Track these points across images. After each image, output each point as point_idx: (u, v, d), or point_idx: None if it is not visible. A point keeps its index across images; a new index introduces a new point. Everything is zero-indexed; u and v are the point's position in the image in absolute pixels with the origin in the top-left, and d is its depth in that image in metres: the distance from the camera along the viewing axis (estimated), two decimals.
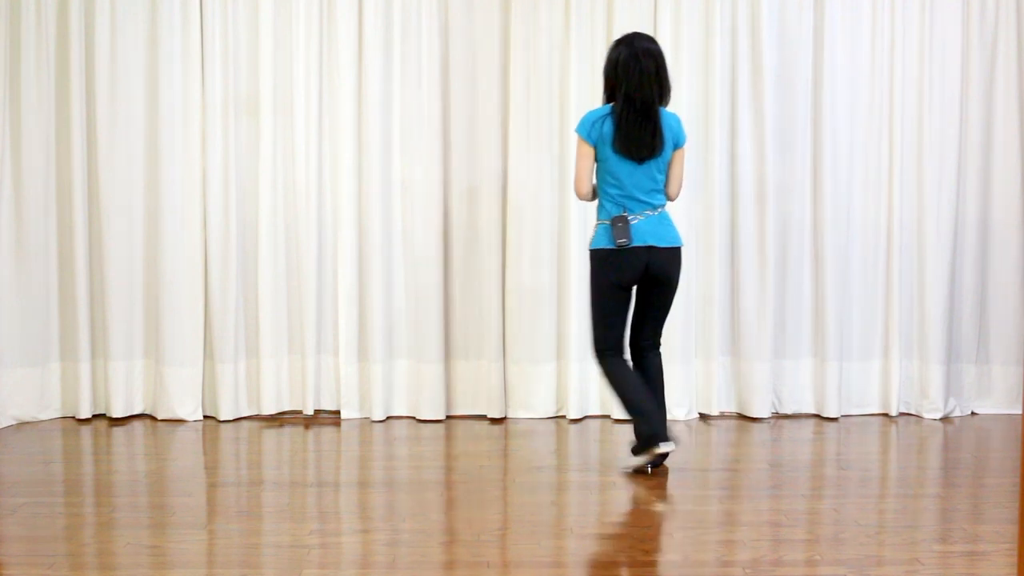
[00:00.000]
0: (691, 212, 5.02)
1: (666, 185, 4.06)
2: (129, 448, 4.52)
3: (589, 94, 5.01)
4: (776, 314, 5.09)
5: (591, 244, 4.04)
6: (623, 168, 3.94)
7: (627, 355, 4.13)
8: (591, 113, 4.00)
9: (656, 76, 3.95)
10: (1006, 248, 5.15)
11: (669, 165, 4.04)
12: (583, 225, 5.02)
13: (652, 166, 3.96)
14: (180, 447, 4.50)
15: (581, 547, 3.22)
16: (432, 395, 4.98)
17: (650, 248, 3.96)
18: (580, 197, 4.05)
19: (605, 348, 4.07)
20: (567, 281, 5.01)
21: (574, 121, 4.96)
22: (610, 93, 4.00)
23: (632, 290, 4.06)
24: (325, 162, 5.02)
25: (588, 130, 3.95)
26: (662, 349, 4.15)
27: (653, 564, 3.06)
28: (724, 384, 5.13)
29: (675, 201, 4.27)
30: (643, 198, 3.97)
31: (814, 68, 5.05)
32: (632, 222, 3.94)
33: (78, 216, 4.89)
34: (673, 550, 3.17)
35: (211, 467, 4.24)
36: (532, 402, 5.06)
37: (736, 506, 3.64)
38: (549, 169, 5.03)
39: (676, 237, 4.04)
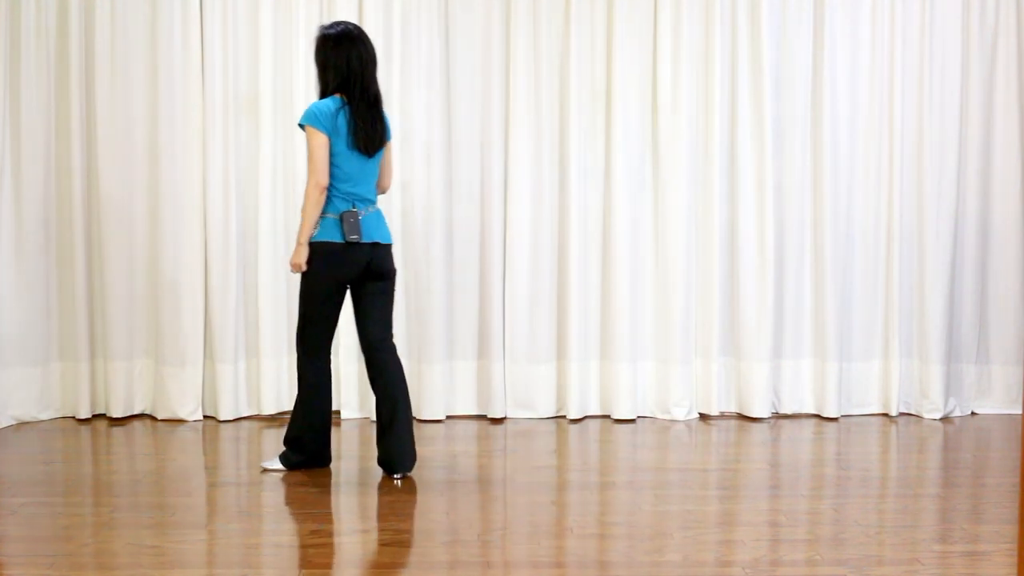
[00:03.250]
0: (691, 212, 5.03)
1: (381, 178, 4.04)
2: (129, 448, 4.52)
3: (589, 93, 5.02)
4: (776, 314, 5.09)
5: (314, 237, 3.88)
6: (354, 163, 3.90)
7: (331, 362, 4.12)
8: (322, 105, 3.88)
9: (375, 69, 3.96)
10: (1006, 248, 5.15)
11: (382, 159, 4.04)
12: (583, 224, 5.02)
13: (375, 160, 3.96)
14: (180, 447, 4.50)
15: (581, 547, 3.22)
16: (432, 395, 4.98)
17: (375, 244, 3.95)
18: (319, 192, 3.83)
19: (316, 348, 4.01)
20: (567, 281, 5.01)
21: (575, 121, 4.97)
22: (337, 85, 3.91)
23: (346, 290, 4.01)
24: None
25: (323, 121, 3.84)
26: (660, 349, 4.13)
27: (653, 564, 3.06)
28: (724, 384, 5.13)
29: (387, 193, 4.42)
30: (366, 195, 3.95)
31: (814, 68, 5.05)
32: (360, 216, 3.92)
33: (78, 216, 4.89)
34: (673, 550, 3.17)
35: (211, 467, 4.24)
36: (532, 402, 5.06)
37: (736, 506, 3.64)
38: (549, 169, 5.03)
39: (390, 234, 4.06)
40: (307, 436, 4.05)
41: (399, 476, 3.98)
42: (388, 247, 4.01)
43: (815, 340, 5.13)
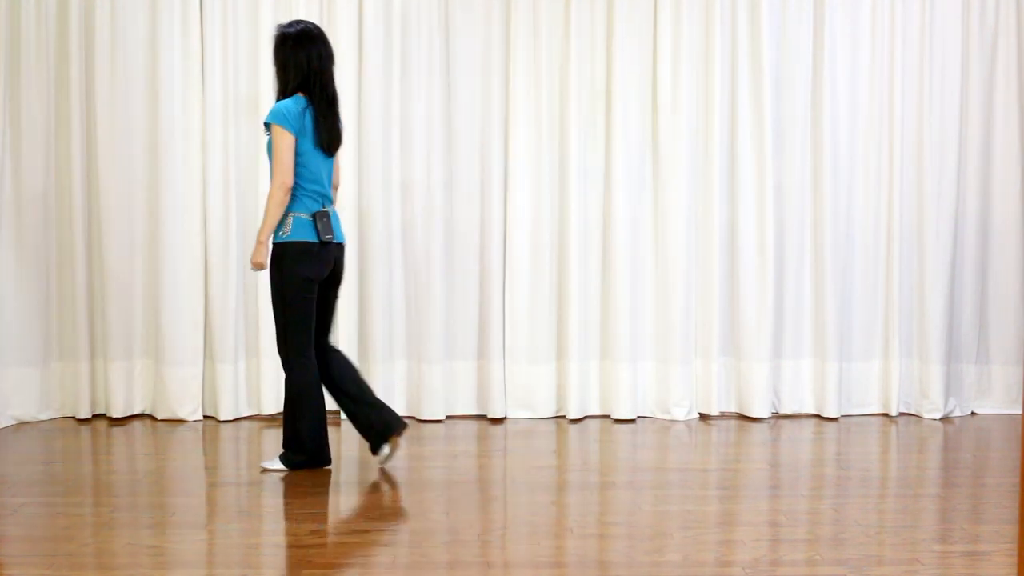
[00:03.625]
0: (691, 212, 5.03)
1: (333, 177, 4.10)
2: (129, 448, 4.52)
3: (589, 93, 5.02)
4: (776, 314, 5.09)
5: (286, 236, 3.87)
6: (318, 162, 3.94)
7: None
8: (289, 104, 3.87)
9: (333, 68, 4.00)
10: (1006, 248, 5.16)
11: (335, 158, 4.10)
12: (584, 224, 5.02)
13: (332, 159, 4.01)
14: (180, 447, 4.50)
15: (581, 547, 3.22)
16: (432, 395, 4.98)
17: (340, 244, 4.03)
18: (284, 192, 3.83)
19: (301, 349, 3.96)
20: (567, 281, 5.01)
21: (575, 121, 4.97)
22: (297, 84, 3.92)
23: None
24: None
25: (292, 121, 3.84)
26: (660, 349, 4.13)
27: (653, 564, 3.06)
28: (724, 384, 5.13)
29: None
30: (329, 194, 4.01)
31: (814, 68, 5.06)
32: (329, 215, 3.96)
33: (78, 216, 4.89)
34: (673, 550, 3.18)
35: (211, 467, 4.24)
36: (532, 402, 5.06)
37: (736, 506, 3.64)
38: (549, 169, 5.04)
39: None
40: (305, 436, 4.04)
41: (399, 435, 4.05)
42: (344, 247, 4.09)
43: (815, 340, 5.13)
